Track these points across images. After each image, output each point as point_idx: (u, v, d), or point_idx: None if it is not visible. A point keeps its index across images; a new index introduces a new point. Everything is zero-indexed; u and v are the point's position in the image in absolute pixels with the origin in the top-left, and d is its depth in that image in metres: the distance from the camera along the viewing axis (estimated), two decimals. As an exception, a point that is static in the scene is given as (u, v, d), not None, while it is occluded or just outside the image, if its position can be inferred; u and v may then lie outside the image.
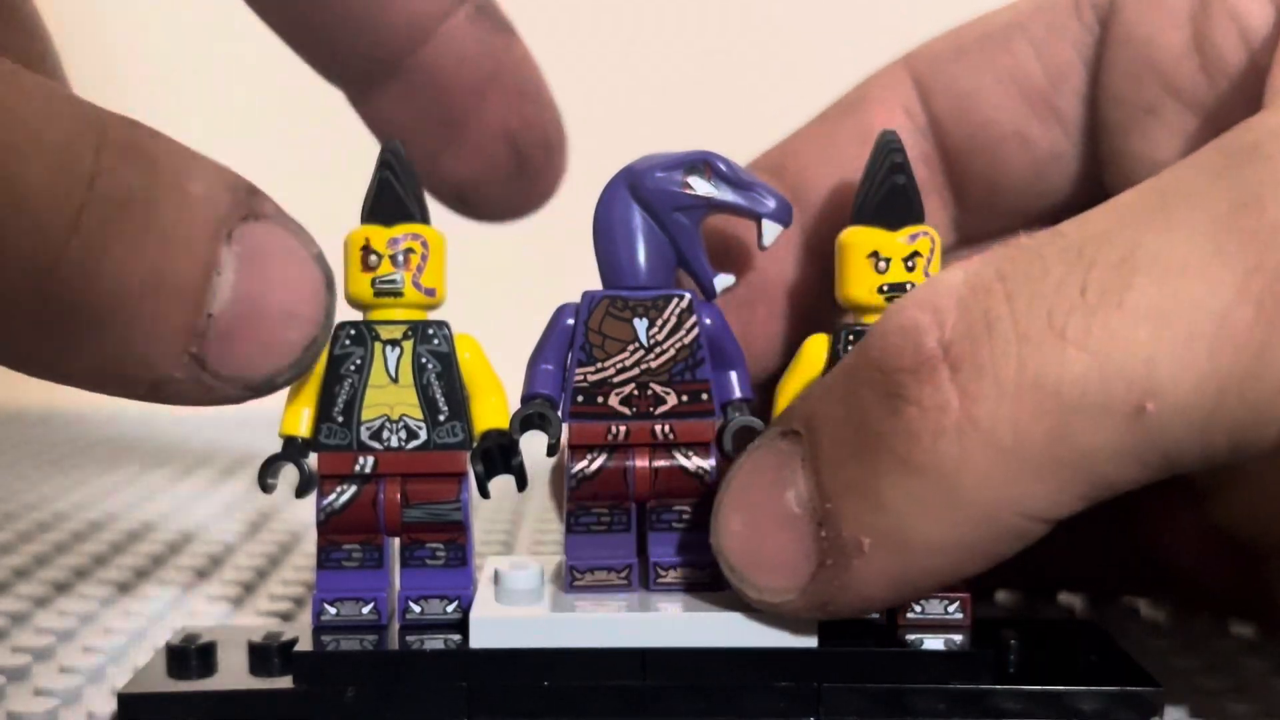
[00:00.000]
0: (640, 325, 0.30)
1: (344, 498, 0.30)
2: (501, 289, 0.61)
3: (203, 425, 0.68)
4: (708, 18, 0.80)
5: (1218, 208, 0.25)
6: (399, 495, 0.30)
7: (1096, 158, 0.34)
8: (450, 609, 0.30)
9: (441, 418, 0.30)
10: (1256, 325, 0.24)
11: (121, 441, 0.66)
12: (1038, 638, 0.30)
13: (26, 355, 0.27)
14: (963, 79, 0.35)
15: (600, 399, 0.30)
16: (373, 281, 0.30)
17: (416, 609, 0.30)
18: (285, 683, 0.29)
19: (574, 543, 0.31)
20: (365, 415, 0.30)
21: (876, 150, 0.31)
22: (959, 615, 0.31)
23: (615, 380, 0.31)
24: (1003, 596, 0.38)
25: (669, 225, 0.30)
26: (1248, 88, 0.30)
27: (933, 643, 0.30)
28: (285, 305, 0.28)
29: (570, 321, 0.31)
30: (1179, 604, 0.37)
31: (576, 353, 0.30)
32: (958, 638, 0.30)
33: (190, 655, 0.30)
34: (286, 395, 0.30)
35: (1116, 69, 0.33)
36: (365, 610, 0.30)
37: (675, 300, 0.30)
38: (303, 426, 0.30)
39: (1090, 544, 0.34)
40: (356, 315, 0.31)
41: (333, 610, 0.30)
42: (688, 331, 0.30)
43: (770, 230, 0.31)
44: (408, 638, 0.30)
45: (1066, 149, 0.34)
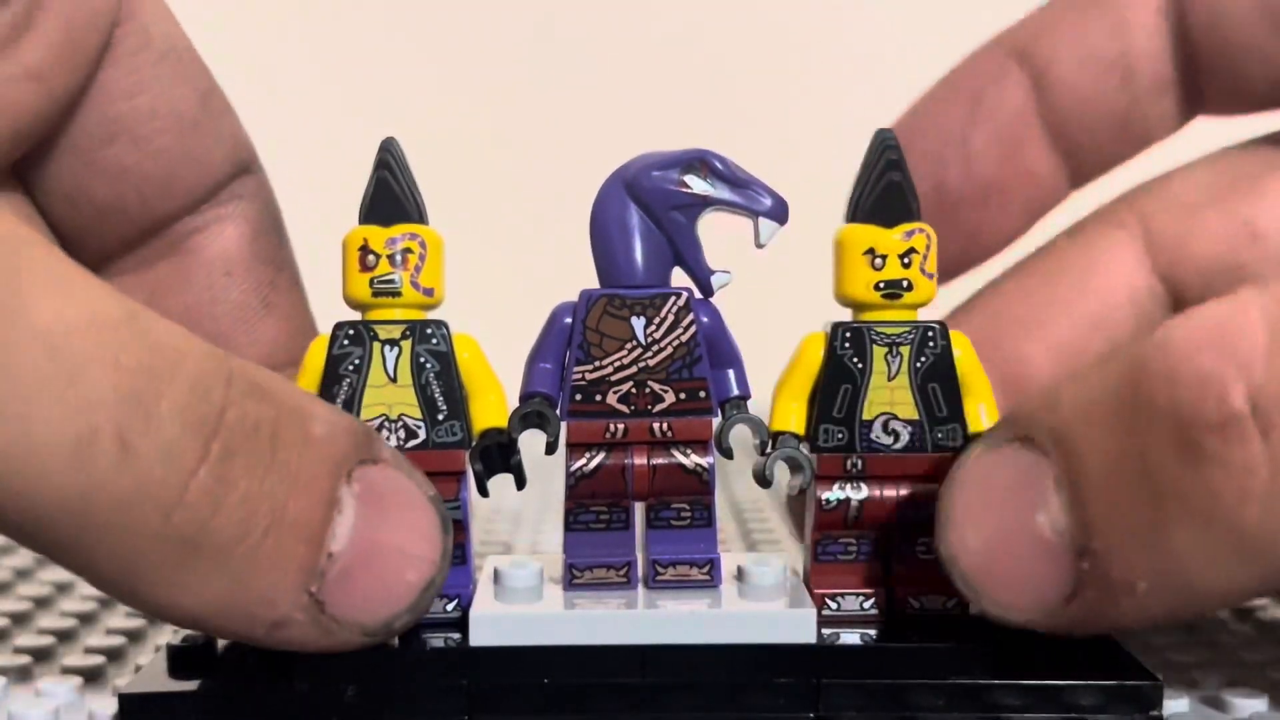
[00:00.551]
0: (638, 323, 0.31)
1: (343, 497, 0.30)
2: (499, 288, 0.61)
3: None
4: (707, 18, 0.80)
5: None
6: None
7: None
8: (450, 607, 0.30)
9: (440, 417, 0.30)
10: None
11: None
12: (1037, 632, 0.30)
13: (140, 589, 0.26)
14: None
15: (598, 397, 0.31)
16: (371, 281, 0.30)
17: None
18: (286, 683, 0.29)
19: (573, 541, 0.31)
20: (364, 415, 0.30)
21: (872, 148, 0.31)
22: (958, 611, 0.31)
23: (613, 378, 0.31)
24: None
25: (666, 224, 0.31)
26: None
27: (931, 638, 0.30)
28: (403, 546, 0.27)
29: (568, 320, 0.31)
30: None
31: (574, 351, 0.31)
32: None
33: (191, 655, 0.30)
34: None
35: None
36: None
37: (672, 298, 0.31)
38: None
39: None
40: (353, 314, 0.31)
41: None
42: (685, 329, 0.31)
43: (767, 228, 0.31)
44: (408, 636, 0.30)
45: None
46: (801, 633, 0.29)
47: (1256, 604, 0.37)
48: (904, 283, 0.30)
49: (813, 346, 0.31)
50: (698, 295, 0.31)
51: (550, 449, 0.31)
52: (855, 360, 0.31)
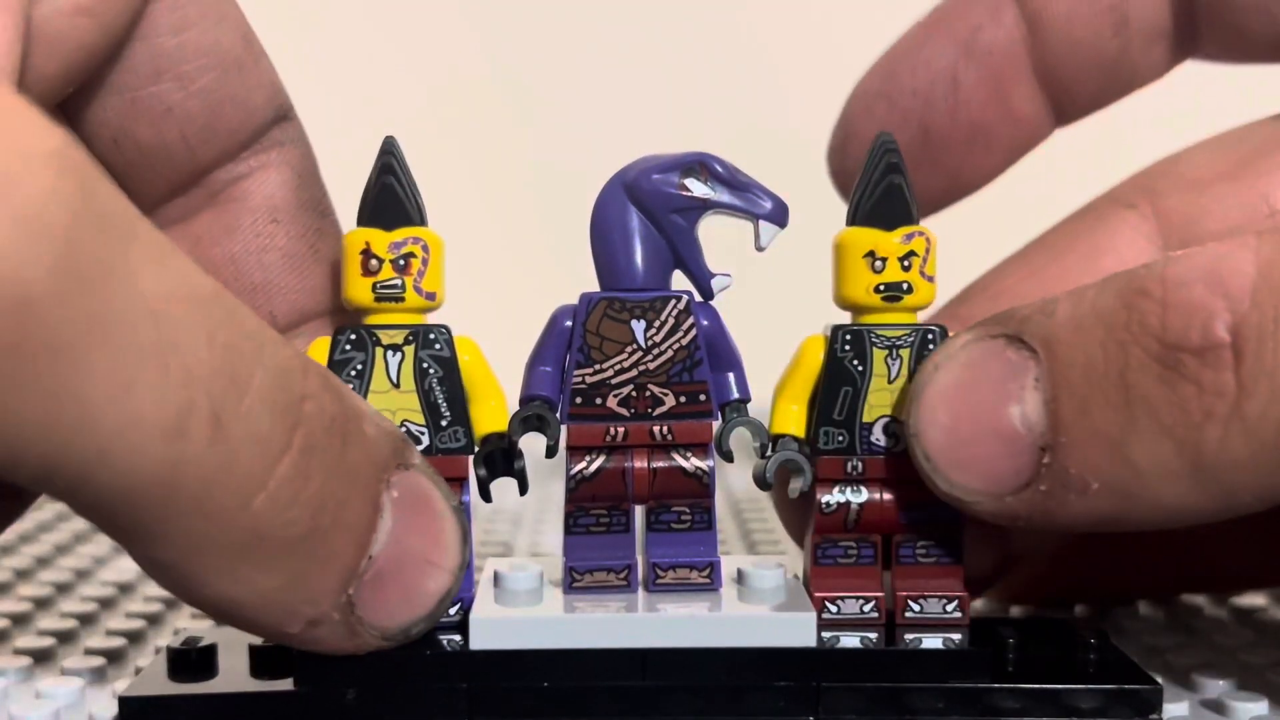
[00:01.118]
0: (638, 327, 0.31)
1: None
2: (500, 291, 0.61)
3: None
4: (708, 20, 0.80)
5: None
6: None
7: None
8: (452, 610, 0.30)
9: (444, 423, 0.30)
10: None
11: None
12: (1036, 636, 0.31)
13: (197, 576, 0.25)
14: None
15: (598, 400, 0.31)
16: (373, 286, 0.30)
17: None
18: (286, 685, 0.29)
19: (573, 544, 0.31)
20: (365, 419, 0.30)
21: (873, 151, 0.31)
22: (957, 614, 0.31)
23: (613, 381, 0.31)
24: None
25: (666, 227, 0.31)
26: None
27: (931, 641, 0.30)
28: (427, 554, 0.28)
29: (568, 323, 0.31)
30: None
31: (574, 354, 0.31)
32: (956, 636, 0.30)
33: (191, 658, 0.30)
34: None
35: None
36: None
37: (672, 302, 0.31)
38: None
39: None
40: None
41: None
42: (685, 333, 0.31)
43: (767, 231, 0.31)
44: (408, 639, 0.30)
45: None
46: (801, 636, 0.29)
47: (1256, 606, 0.38)
48: (904, 285, 0.30)
49: (813, 349, 0.31)
50: (698, 298, 0.31)
51: (550, 452, 0.31)
52: (855, 363, 0.31)
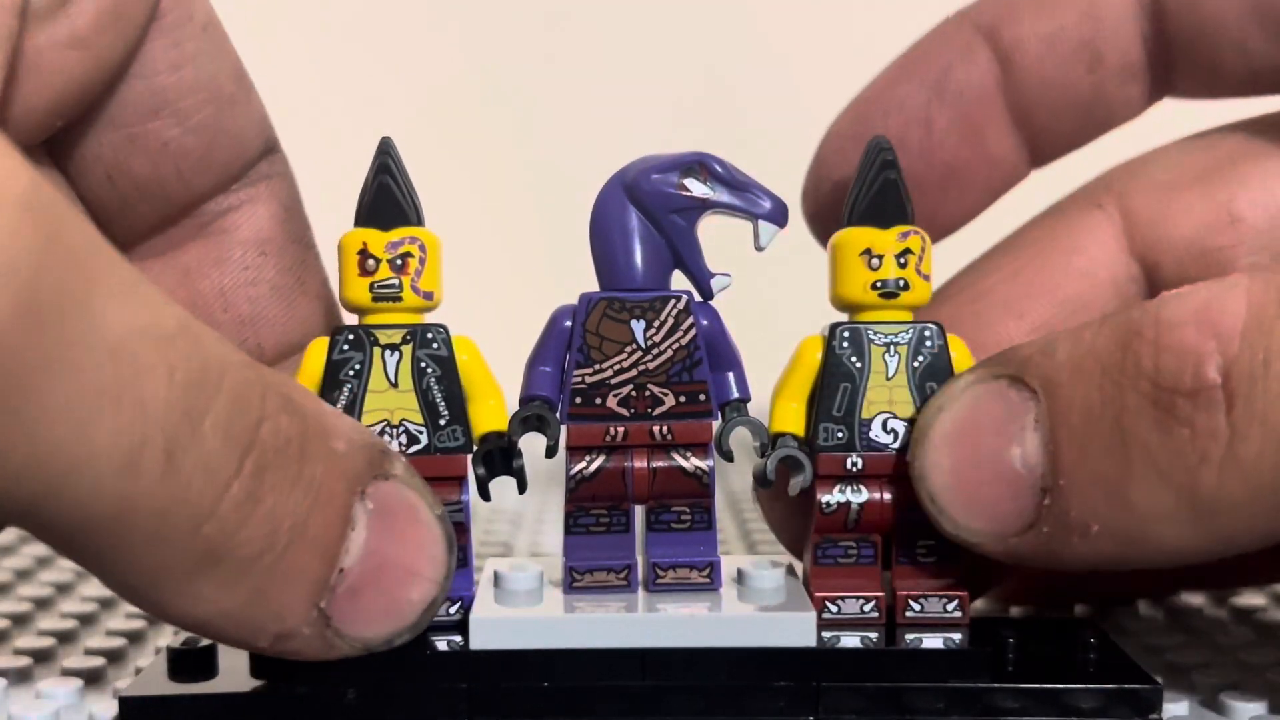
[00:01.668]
0: (637, 327, 0.31)
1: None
2: (498, 291, 0.61)
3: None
4: (707, 20, 0.80)
5: None
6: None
7: None
8: (452, 610, 0.30)
9: (442, 422, 0.30)
10: None
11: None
12: (1036, 636, 0.31)
13: (158, 596, 0.26)
14: None
15: (598, 400, 0.31)
16: (371, 286, 0.30)
17: (417, 611, 0.30)
18: (286, 684, 0.29)
19: (573, 544, 0.31)
20: (365, 420, 0.30)
21: (867, 153, 0.31)
22: (957, 614, 0.31)
23: (613, 381, 0.31)
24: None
25: (665, 227, 0.31)
26: None
27: (931, 641, 0.30)
28: (409, 564, 0.28)
29: (568, 323, 0.31)
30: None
31: (574, 354, 0.31)
32: (956, 636, 0.30)
33: (191, 658, 0.30)
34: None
35: None
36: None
37: (672, 301, 0.31)
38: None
39: None
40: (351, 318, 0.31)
41: None
42: (685, 333, 0.31)
43: (766, 231, 0.31)
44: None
45: None
46: (801, 636, 0.29)
47: (1256, 606, 0.38)
48: (900, 282, 0.30)
49: (811, 349, 0.31)
50: (697, 298, 0.31)
51: (550, 452, 0.31)
52: (854, 360, 0.31)
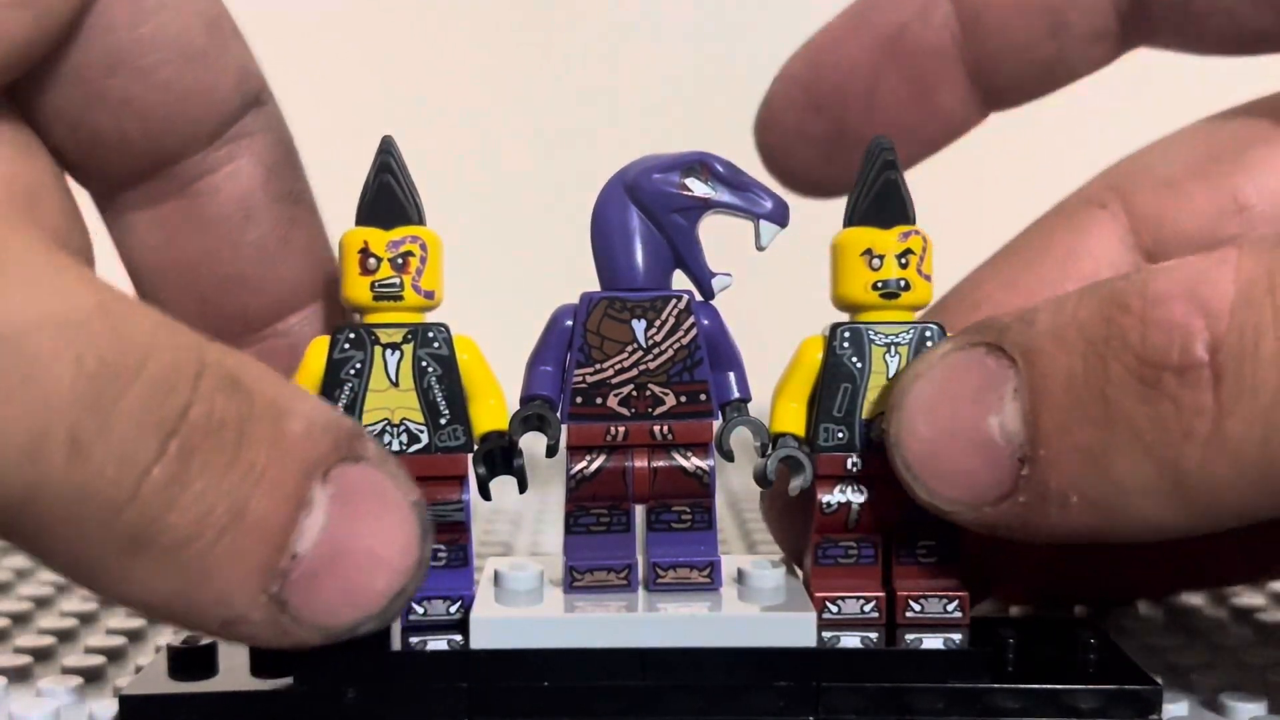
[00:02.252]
0: (638, 326, 0.31)
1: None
2: (499, 290, 0.61)
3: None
4: (709, 19, 0.80)
5: None
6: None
7: None
8: (453, 609, 0.30)
9: (443, 421, 0.30)
10: None
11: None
12: (1036, 636, 0.31)
13: (92, 579, 0.26)
14: None
15: (599, 400, 0.31)
16: (372, 285, 0.30)
17: (419, 610, 0.30)
18: (286, 684, 0.29)
19: (573, 543, 0.31)
20: (366, 419, 0.30)
21: (868, 153, 0.31)
22: (958, 614, 0.31)
23: (614, 381, 0.31)
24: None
25: (666, 227, 0.31)
26: None
27: (931, 641, 0.30)
28: (374, 552, 0.27)
29: (568, 323, 0.31)
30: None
31: (575, 354, 0.31)
32: (956, 636, 0.30)
33: (191, 656, 0.30)
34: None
35: None
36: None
37: (673, 301, 0.31)
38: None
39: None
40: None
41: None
42: (685, 332, 0.31)
43: (767, 230, 0.31)
44: (410, 638, 0.30)
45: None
46: (802, 636, 0.29)
47: (1256, 606, 0.38)
48: (901, 283, 0.30)
49: (812, 349, 0.31)
50: (698, 298, 0.31)
51: (551, 452, 0.31)
52: (855, 360, 0.31)
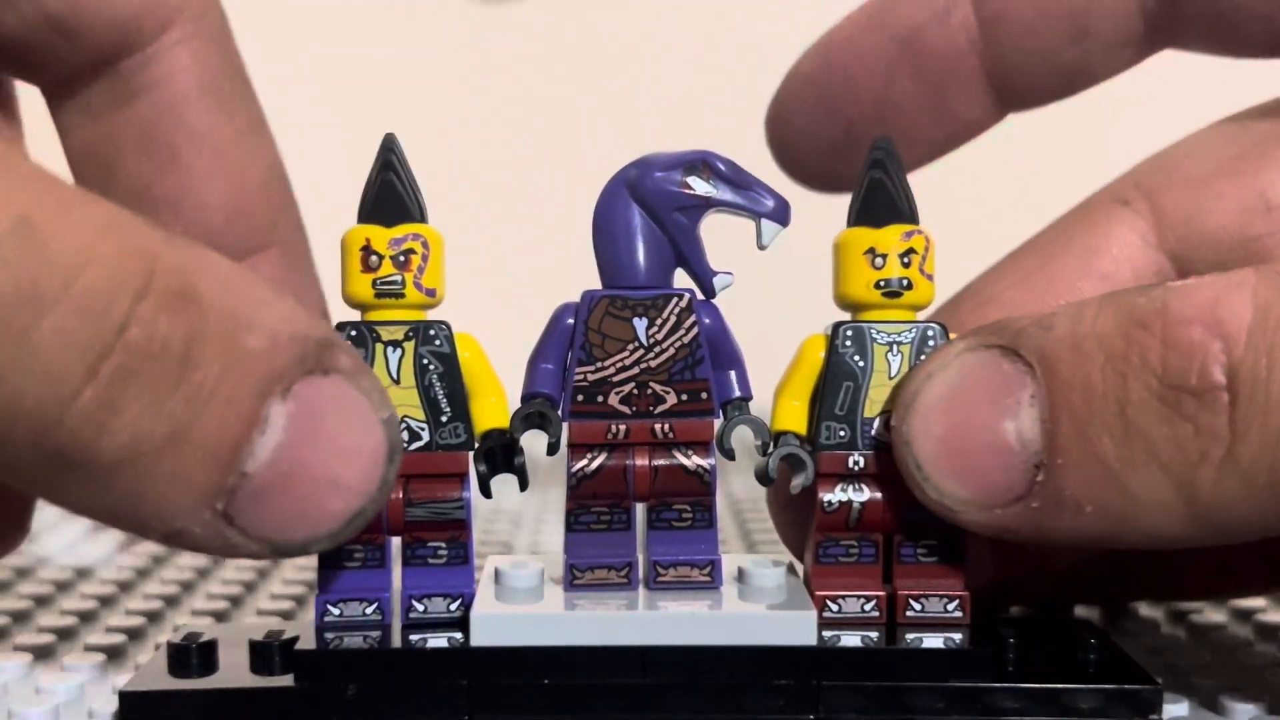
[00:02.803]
0: (640, 324, 0.31)
1: (345, 497, 0.30)
2: (501, 288, 0.61)
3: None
4: (710, 18, 0.80)
5: None
6: (401, 494, 0.30)
7: None
8: (453, 607, 0.30)
9: (444, 419, 0.30)
10: None
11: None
12: (1036, 636, 0.31)
13: (34, 491, 0.26)
14: None
15: (600, 398, 0.31)
16: (374, 283, 0.30)
17: (420, 607, 0.30)
18: (287, 681, 0.29)
19: (574, 541, 0.31)
20: (366, 416, 0.30)
21: (870, 153, 0.31)
22: (958, 613, 0.31)
23: (615, 379, 0.31)
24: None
25: (668, 225, 0.31)
26: None
27: (932, 641, 0.30)
28: (330, 472, 0.26)
29: (570, 321, 0.31)
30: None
31: (576, 352, 0.31)
32: (957, 636, 0.30)
33: (191, 653, 0.30)
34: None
35: None
36: (369, 611, 0.30)
37: (674, 299, 0.31)
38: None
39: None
40: (353, 314, 0.31)
41: (336, 611, 0.30)
42: (687, 331, 0.31)
43: (769, 229, 0.31)
44: (410, 636, 0.30)
45: None
46: (802, 634, 0.29)
47: (1256, 607, 0.38)
48: (904, 282, 0.30)
49: (813, 348, 0.31)
50: (700, 296, 0.31)
51: (552, 450, 0.31)
52: (857, 358, 0.31)
